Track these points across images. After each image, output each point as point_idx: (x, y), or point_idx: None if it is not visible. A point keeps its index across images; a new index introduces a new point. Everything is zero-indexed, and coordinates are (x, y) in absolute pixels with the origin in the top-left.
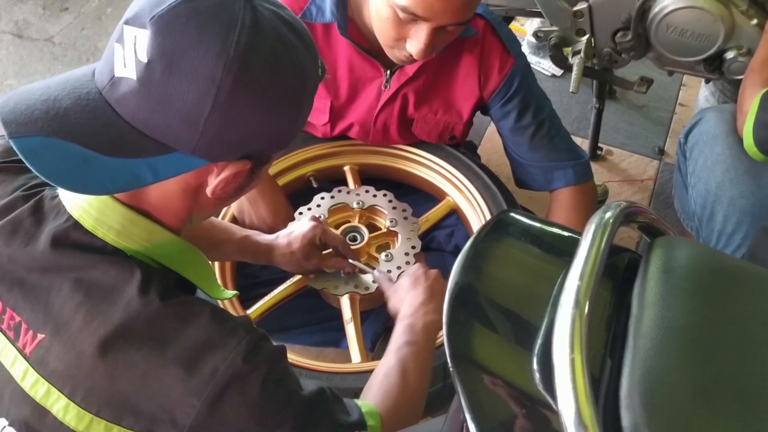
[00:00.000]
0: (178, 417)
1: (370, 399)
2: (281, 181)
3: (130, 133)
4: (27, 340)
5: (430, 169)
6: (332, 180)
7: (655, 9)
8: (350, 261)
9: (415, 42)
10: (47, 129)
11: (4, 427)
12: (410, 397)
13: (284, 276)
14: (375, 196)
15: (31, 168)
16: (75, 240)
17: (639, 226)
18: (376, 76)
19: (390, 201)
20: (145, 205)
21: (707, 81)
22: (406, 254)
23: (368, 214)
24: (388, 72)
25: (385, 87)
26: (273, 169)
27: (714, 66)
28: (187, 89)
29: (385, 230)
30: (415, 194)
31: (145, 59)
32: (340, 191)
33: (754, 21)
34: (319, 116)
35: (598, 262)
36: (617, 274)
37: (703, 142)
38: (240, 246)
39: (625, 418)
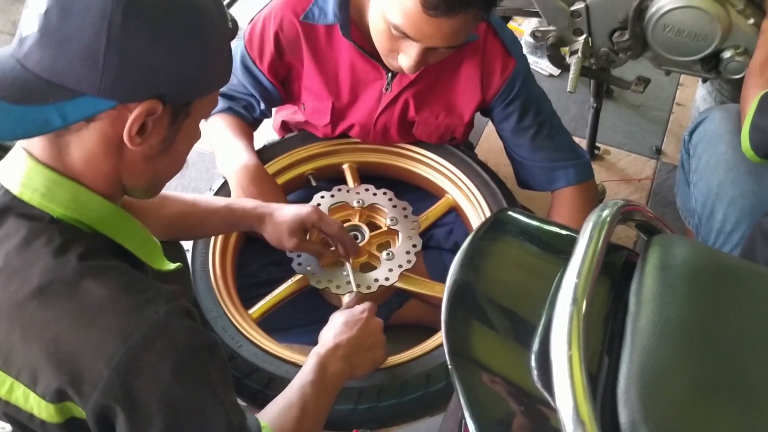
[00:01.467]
0: (84, 386)
1: (270, 424)
2: (280, 180)
3: (36, 82)
4: None
5: (430, 167)
6: (331, 179)
7: (652, 9)
8: (347, 265)
9: (407, 58)
10: None
11: None
12: (306, 430)
13: (285, 275)
14: (375, 194)
15: None
16: (4, 207)
17: (636, 224)
18: (377, 78)
19: (390, 199)
20: (71, 169)
21: (704, 80)
22: (407, 252)
23: (368, 212)
24: (390, 74)
25: (387, 90)
26: (272, 168)
27: (711, 65)
28: (81, 27)
29: (385, 229)
30: (414, 192)
31: (43, 9)
32: (340, 190)
33: (751, 20)
34: (320, 117)
35: (596, 260)
36: (614, 272)
37: (707, 141)
38: (226, 214)
39: (623, 415)
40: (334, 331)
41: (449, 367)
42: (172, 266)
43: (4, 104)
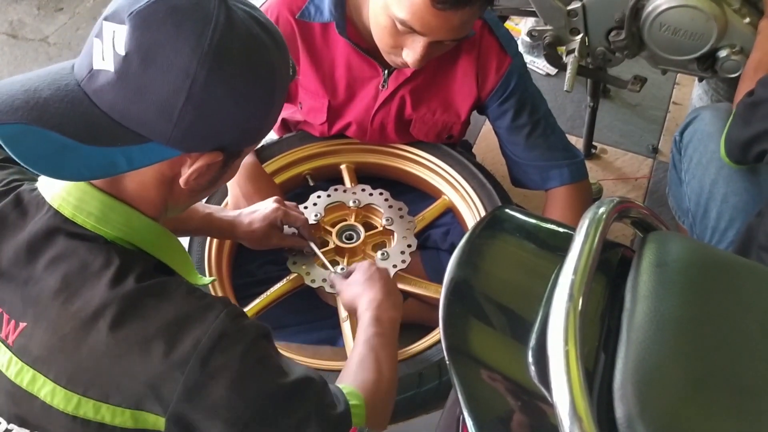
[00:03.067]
0: (163, 392)
1: (352, 385)
2: (278, 180)
3: (106, 123)
4: (9, 330)
5: (426, 167)
6: (328, 179)
7: (649, 8)
8: (311, 246)
9: (411, 52)
10: (27, 117)
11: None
12: (386, 385)
13: (280, 275)
14: (371, 194)
15: (10, 154)
16: (54, 228)
17: (632, 221)
18: (373, 76)
19: (386, 200)
20: (123, 194)
21: (700, 79)
22: (402, 252)
23: (364, 212)
24: (386, 72)
25: (383, 87)
26: (269, 168)
27: (707, 64)
28: (162, 81)
29: (381, 229)
30: (411, 193)
31: (123, 52)
32: (336, 190)
33: (747, 20)
34: (316, 115)
35: (592, 257)
36: (611, 269)
37: (697, 140)
38: (204, 222)
39: (619, 410)
40: (364, 289)
41: (447, 363)
42: (207, 280)
43: (74, 143)
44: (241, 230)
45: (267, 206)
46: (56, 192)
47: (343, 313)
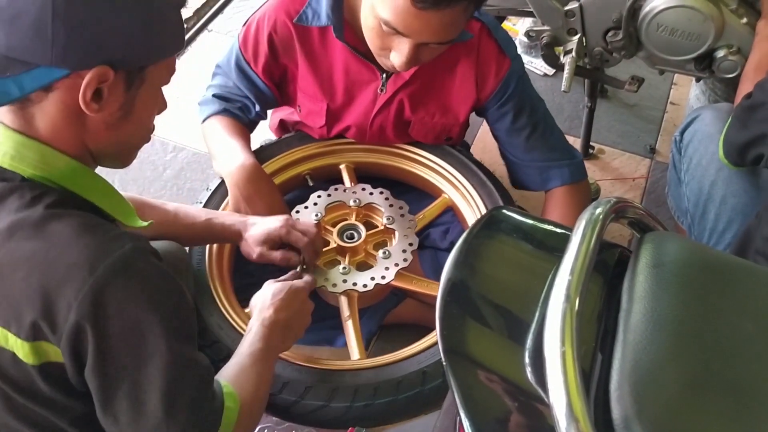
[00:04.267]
0: (56, 319)
1: (231, 382)
2: (277, 180)
3: None
4: None
5: (427, 167)
6: (328, 179)
7: (646, 8)
8: (300, 267)
9: (398, 55)
10: None
11: None
12: (258, 403)
13: (280, 275)
14: (372, 194)
15: None
16: None
17: (629, 222)
18: (372, 79)
19: (387, 198)
20: (38, 135)
21: (698, 80)
22: (404, 251)
23: (365, 211)
24: (384, 75)
25: (382, 91)
26: (269, 168)
27: (704, 65)
28: (28, 2)
29: (382, 228)
30: (411, 192)
31: None
32: (336, 189)
33: (744, 20)
34: (315, 119)
35: (589, 258)
36: (607, 269)
37: (697, 141)
38: (206, 228)
39: (616, 410)
40: (273, 304)
41: (444, 364)
42: (144, 223)
43: None
44: (243, 241)
45: (273, 222)
46: None
47: (345, 312)
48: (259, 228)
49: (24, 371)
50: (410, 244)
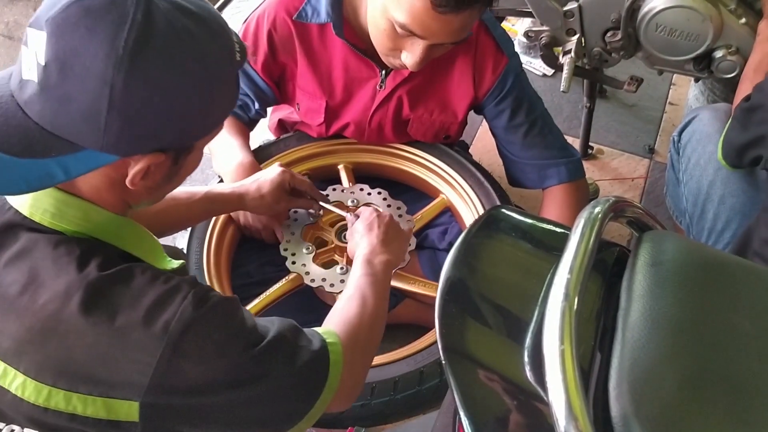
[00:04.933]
0: (135, 378)
1: (332, 325)
2: None
3: (39, 134)
4: None
5: (424, 167)
6: (326, 179)
7: (645, 9)
8: (321, 203)
9: (410, 55)
10: None
11: None
12: (368, 320)
13: (280, 275)
14: (369, 194)
15: None
16: (15, 224)
17: (628, 221)
18: (371, 77)
19: (384, 199)
20: (80, 194)
21: (697, 80)
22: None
23: None
24: (383, 72)
25: (380, 87)
26: None
27: (703, 65)
28: (82, 90)
29: None
30: (409, 192)
31: (43, 62)
32: (335, 189)
33: (743, 20)
34: (314, 116)
35: (588, 256)
36: (606, 268)
37: (696, 141)
38: (207, 202)
39: (614, 409)
40: (362, 236)
41: (443, 363)
42: (176, 264)
43: (9, 158)
44: (250, 197)
45: (272, 171)
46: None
47: None
48: (266, 183)
49: (82, 426)
50: (408, 245)
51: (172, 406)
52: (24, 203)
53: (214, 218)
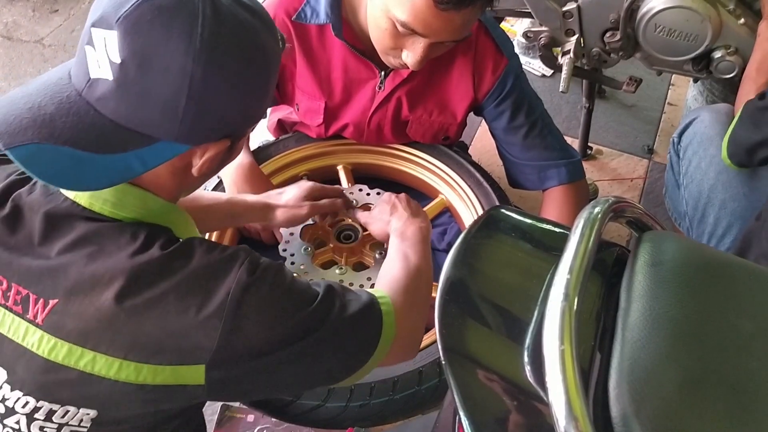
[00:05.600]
0: (203, 342)
1: (378, 286)
2: (275, 181)
3: (115, 130)
4: (38, 309)
5: (423, 167)
6: (326, 180)
7: (644, 9)
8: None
9: (412, 54)
10: (38, 136)
11: (18, 398)
12: (414, 274)
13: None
14: (368, 194)
15: (29, 173)
16: (73, 214)
17: (627, 221)
18: (370, 77)
19: None
20: (139, 183)
21: (695, 80)
22: None
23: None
24: (383, 73)
25: (380, 88)
26: (267, 169)
27: (702, 65)
28: (162, 83)
29: None
30: (408, 193)
31: (118, 60)
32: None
33: (742, 20)
34: (313, 117)
35: (587, 257)
36: (606, 268)
37: (697, 143)
38: (229, 208)
39: (614, 409)
40: (387, 216)
41: (443, 363)
42: None
43: (88, 155)
44: (275, 207)
45: (300, 184)
46: None
47: None
48: (290, 192)
49: (144, 397)
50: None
51: (238, 366)
52: (81, 194)
53: None
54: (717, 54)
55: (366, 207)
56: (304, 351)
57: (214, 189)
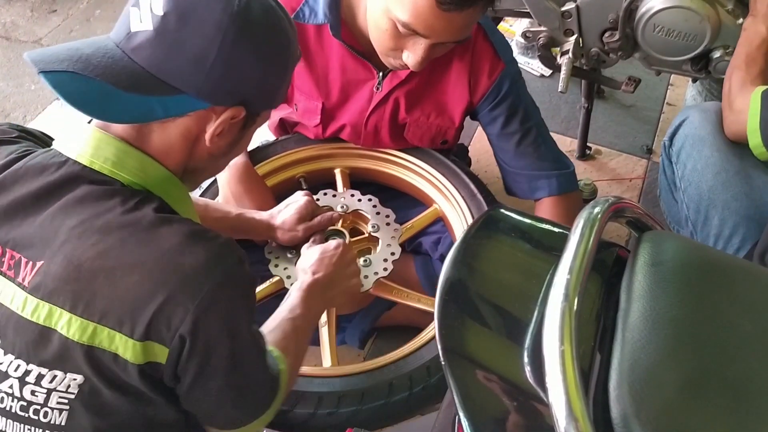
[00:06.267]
0: (173, 321)
1: (274, 341)
2: (271, 182)
3: (145, 76)
4: (26, 272)
5: (419, 175)
6: (322, 182)
7: (642, 9)
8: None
9: (412, 54)
10: (73, 67)
11: (11, 362)
12: (295, 371)
13: (265, 276)
14: (360, 200)
15: (59, 96)
16: (74, 176)
17: (627, 221)
18: (368, 78)
19: (374, 206)
20: (147, 147)
21: (694, 80)
22: (385, 260)
23: (352, 218)
24: (381, 74)
25: (377, 89)
26: (263, 169)
27: (701, 65)
28: (197, 35)
29: (366, 235)
30: (403, 197)
31: (161, 12)
32: (326, 194)
33: (740, 20)
34: (311, 117)
35: (587, 257)
36: (606, 268)
37: (690, 145)
38: (237, 223)
39: (615, 409)
40: (312, 266)
41: (443, 364)
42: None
43: (115, 89)
44: (278, 231)
45: (298, 202)
46: (72, 147)
47: (322, 319)
48: (289, 211)
49: (122, 370)
50: (392, 254)
51: (193, 354)
52: (84, 153)
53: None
54: (716, 54)
55: (358, 214)
56: (235, 368)
57: (208, 188)
